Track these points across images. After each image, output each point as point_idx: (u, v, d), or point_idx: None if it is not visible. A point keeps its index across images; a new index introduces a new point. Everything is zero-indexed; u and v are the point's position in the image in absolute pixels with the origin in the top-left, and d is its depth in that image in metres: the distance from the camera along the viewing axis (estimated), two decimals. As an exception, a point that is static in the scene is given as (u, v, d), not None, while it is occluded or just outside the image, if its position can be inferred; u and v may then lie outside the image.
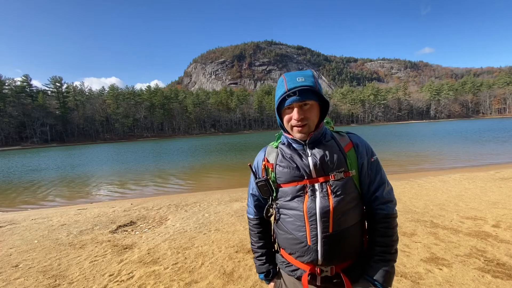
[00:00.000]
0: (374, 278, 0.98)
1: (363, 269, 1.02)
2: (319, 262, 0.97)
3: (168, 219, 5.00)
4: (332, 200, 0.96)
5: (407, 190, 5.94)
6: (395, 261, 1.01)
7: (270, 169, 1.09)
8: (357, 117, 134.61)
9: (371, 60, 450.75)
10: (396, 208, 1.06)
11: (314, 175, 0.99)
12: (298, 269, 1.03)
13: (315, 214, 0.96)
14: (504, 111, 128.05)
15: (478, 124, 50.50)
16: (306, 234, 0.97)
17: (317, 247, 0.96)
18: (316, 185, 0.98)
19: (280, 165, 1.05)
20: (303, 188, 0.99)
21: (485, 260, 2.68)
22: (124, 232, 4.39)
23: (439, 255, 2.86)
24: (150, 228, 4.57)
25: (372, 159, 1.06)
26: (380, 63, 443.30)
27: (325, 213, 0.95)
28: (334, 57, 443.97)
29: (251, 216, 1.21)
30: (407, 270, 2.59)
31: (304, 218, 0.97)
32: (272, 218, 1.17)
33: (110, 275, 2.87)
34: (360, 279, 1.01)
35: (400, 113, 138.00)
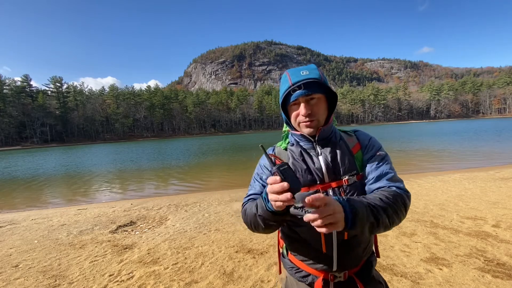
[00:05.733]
0: (349, 203, 0.74)
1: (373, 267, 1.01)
2: (334, 269, 0.94)
3: (168, 219, 5.00)
4: None
5: (407, 190, 5.93)
6: (379, 219, 0.78)
7: None
8: (357, 117, 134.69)
9: (371, 60, 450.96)
10: None
11: (326, 179, 0.93)
12: (309, 275, 0.98)
13: None
14: (504, 111, 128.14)
15: (478, 124, 50.49)
16: (321, 242, 0.92)
17: (332, 255, 0.92)
18: (329, 191, 0.92)
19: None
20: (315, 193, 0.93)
21: (485, 260, 2.68)
22: (124, 232, 4.39)
23: (439, 255, 2.86)
24: (150, 228, 4.56)
25: (378, 153, 0.97)
26: (380, 63, 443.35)
27: None
28: (334, 57, 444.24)
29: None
30: (407, 270, 2.59)
31: None
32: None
33: (110, 275, 2.87)
34: (371, 281, 1.00)
35: (400, 113, 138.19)
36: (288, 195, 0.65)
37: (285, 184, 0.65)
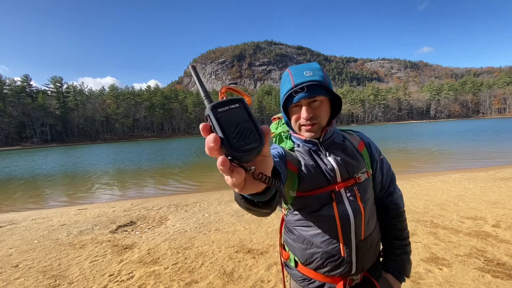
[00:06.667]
0: (399, 272, 1.01)
1: (384, 264, 1.04)
2: (352, 272, 0.91)
3: (168, 219, 5.00)
4: (362, 205, 0.90)
5: (407, 190, 5.93)
6: (411, 251, 1.05)
7: (294, 173, 0.91)
8: (357, 117, 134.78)
9: (371, 60, 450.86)
10: None
11: (339, 179, 0.90)
12: (324, 284, 0.93)
13: (350, 223, 0.87)
14: (504, 111, 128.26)
15: (478, 124, 50.48)
16: (339, 246, 0.88)
17: (351, 258, 0.89)
18: (342, 190, 0.90)
19: (303, 171, 0.91)
20: (330, 194, 0.89)
21: (485, 260, 2.68)
22: (124, 232, 4.39)
23: (439, 255, 2.86)
24: (150, 228, 4.56)
25: (381, 157, 1.05)
26: (380, 63, 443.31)
27: (358, 220, 0.89)
28: (334, 57, 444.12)
29: None
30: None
31: (337, 228, 0.87)
32: (279, 224, 1.11)
33: (110, 275, 2.87)
34: (381, 278, 1.01)
35: (400, 113, 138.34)
36: (220, 159, 0.34)
37: (211, 137, 0.33)
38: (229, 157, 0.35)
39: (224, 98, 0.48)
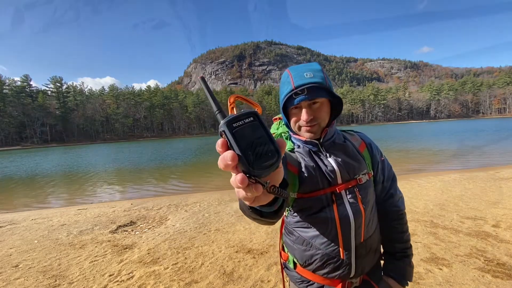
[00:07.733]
0: (400, 276, 0.99)
1: (385, 268, 1.02)
2: (351, 275, 0.90)
3: (168, 219, 5.00)
4: (362, 207, 0.89)
5: (407, 190, 5.93)
6: (412, 254, 1.03)
7: (294, 175, 0.90)
8: (357, 117, 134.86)
9: (371, 60, 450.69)
10: None
11: (339, 180, 0.89)
12: (322, 286, 0.93)
13: (350, 224, 0.87)
14: (504, 111, 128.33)
15: (478, 124, 50.49)
16: (338, 248, 0.88)
17: (350, 261, 0.89)
18: (343, 192, 0.89)
19: (303, 172, 0.90)
20: (330, 196, 0.88)
21: (485, 260, 2.68)
22: (124, 232, 4.39)
23: (439, 255, 2.86)
24: (150, 228, 4.56)
25: (382, 158, 1.04)
26: (380, 63, 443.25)
27: (358, 222, 0.88)
28: (334, 57, 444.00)
29: None
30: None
31: (337, 230, 0.87)
32: (279, 225, 1.08)
33: (110, 275, 2.87)
34: (381, 281, 1.00)
35: (400, 113, 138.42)
36: (239, 177, 0.33)
37: (229, 155, 0.33)
38: (247, 174, 0.34)
39: (234, 108, 0.50)
